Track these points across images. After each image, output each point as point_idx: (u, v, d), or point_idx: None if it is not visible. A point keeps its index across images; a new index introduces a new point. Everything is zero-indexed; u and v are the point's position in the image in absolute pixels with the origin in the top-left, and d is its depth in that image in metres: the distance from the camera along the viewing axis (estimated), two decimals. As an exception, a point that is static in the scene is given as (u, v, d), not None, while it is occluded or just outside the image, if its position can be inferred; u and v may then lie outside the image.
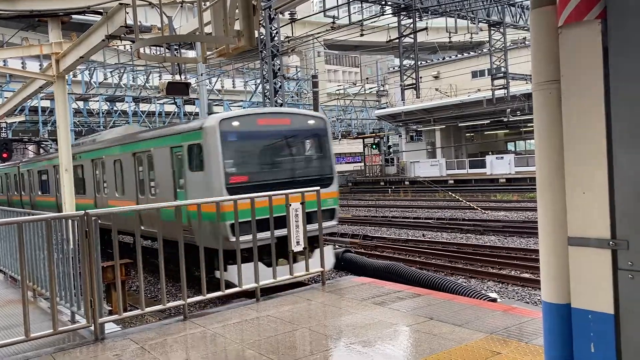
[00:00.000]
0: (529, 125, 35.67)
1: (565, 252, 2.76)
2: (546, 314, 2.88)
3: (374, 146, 46.46)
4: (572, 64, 2.65)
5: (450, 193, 28.40)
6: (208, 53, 6.26)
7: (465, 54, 46.40)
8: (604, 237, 2.59)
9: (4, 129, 31.05)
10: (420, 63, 34.51)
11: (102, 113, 33.55)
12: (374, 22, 24.33)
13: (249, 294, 8.28)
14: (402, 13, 23.89)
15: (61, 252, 5.85)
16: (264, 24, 20.51)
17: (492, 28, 29.00)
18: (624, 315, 2.53)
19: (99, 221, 5.22)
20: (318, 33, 23.70)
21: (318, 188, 7.13)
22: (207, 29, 6.32)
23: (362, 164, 50.96)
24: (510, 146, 48.32)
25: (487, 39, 30.92)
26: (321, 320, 5.26)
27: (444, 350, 4.26)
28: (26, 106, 30.87)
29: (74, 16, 11.38)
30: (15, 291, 8.13)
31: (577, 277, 2.72)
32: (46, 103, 33.15)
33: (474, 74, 45.05)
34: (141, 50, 6.00)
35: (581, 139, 2.65)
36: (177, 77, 14.19)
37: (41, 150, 32.66)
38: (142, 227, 11.04)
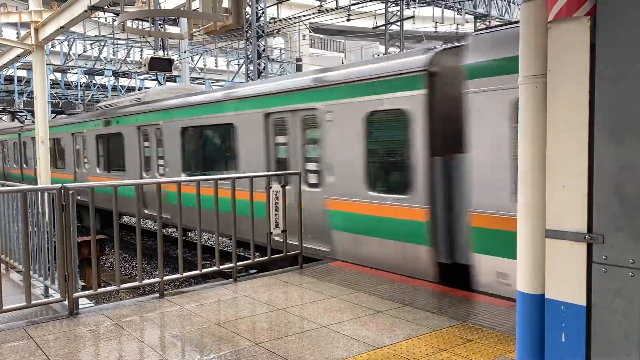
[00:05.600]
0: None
1: (542, 244, 2.82)
2: (520, 304, 2.95)
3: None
4: (560, 59, 2.68)
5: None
6: (194, 30, 6.17)
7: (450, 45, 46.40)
8: (581, 231, 2.65)
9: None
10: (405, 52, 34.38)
11: (81, 86, 32.85)
12: (361, 7, 24.19)
13: (226, 275, 8.29)
14: (389, 0, 23.79)
15: (36, 225, 5.77)
16: (250, 3, 20.24)
17: (477, 20, 29.09)
18: (595, 307, 2.61)
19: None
20: (304, 16, 23.48)
21: (299, 172, 7.13)
22: (194, 5, 6.22)
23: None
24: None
25: (473, 31, 30.99)
26: (297, 302, 5.29)
27: (417, 336, 4.33)
28: (1, 75, 30.06)
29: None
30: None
31: (552, 269, 2.79)
32: (22, 73, 32.31)
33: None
34: (127, 23, 5.88)
35: (564, 133, 2.70)
36: (160, 53, 13.95)
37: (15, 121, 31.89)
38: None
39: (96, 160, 14.64)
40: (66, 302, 5.05)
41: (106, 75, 32.82)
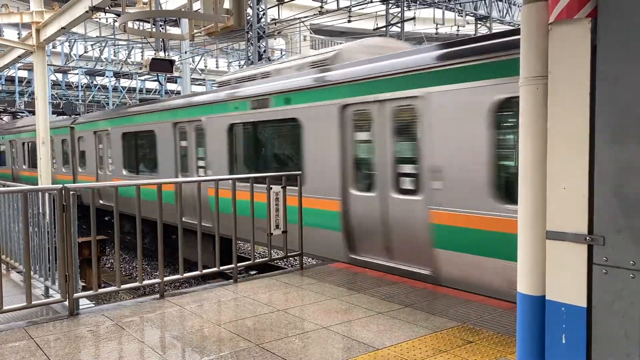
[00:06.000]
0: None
1: (543, 245, 2.82)
2: (521, 305, 2.95)
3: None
4: (561, 61, 2.68)
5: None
6: (195, 31, 6.18)
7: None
8: (581, 232, 2.65)
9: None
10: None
11: (82, 86, 32.91)
12: (362, 9, 24.24)
13: (226, 276, 8.29)
14: (390, 1, 23.81)
15: (36, 226, 5.77)
16: (251, 4, 20.27)
17: (478, 22, 29.13)
18: (596, 308, 2.61)
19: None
20: (305, 17, 23.51)
21: (300, 172, 7.13)
22: (195, 6, 6.23)
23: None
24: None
25: (474, 33, 31.06)
26: (298, 303, 5.29)
27: (418, 337, 4.33)
28: (2, 75, 30.11)
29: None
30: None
31: (553, 270, 2.79)
32: (23, 73, 32.38)
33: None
34: (128, 24, 5.89)
35: (564, 135, 2.70)
36: (161, 54, 13.97)
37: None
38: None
39: (227, 162, 9.28)
40: (66, 303, 5.05)
41: (107, 76, 32.88)
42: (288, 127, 7.94)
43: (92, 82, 33.77)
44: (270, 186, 6.53)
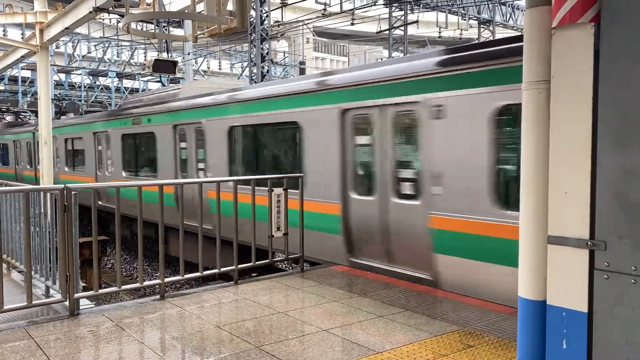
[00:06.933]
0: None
1: (544, 250, 2.81)
2: (522, 310, 2.94)
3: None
4: (563, 66, 2.68)
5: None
6: (198, 32, 6.19)
7: (453, 50, 46.41)
8: (583, 237, 2.64)
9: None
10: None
11: (84, 87, 32.95)
12: (365, 11, 24.29)
13: (227, 277, 8.29)
14: (393, 4, 23.85)
15: (37, 226, 5.78)
16: (254, 6, 20.29)
17: (481, 26, 29.14)
18: (597, 314, 2.60)
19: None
20: (308, 19, 23.54)
21: (302, 175, 7.12)
22: (199, 8, 6.25)
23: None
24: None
25: (477, 37, 31.07)
26: (298, 305, 5.29)
27: (418, 341, 4.32)
28: (5, 75, 30.17)
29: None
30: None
31: (554, 275, 2.78)
32: (26, 73, 32.44)
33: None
34: (132, 25, 5.91)
35: (567, 140, 2.69)
36: (164, 55, 13.97)
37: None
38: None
39: None
40: (67, 303, 5.05)
41: (110, 77, 32.93)
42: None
43: (94, 83, 33.80)
44: (272, 188, 6.53)
